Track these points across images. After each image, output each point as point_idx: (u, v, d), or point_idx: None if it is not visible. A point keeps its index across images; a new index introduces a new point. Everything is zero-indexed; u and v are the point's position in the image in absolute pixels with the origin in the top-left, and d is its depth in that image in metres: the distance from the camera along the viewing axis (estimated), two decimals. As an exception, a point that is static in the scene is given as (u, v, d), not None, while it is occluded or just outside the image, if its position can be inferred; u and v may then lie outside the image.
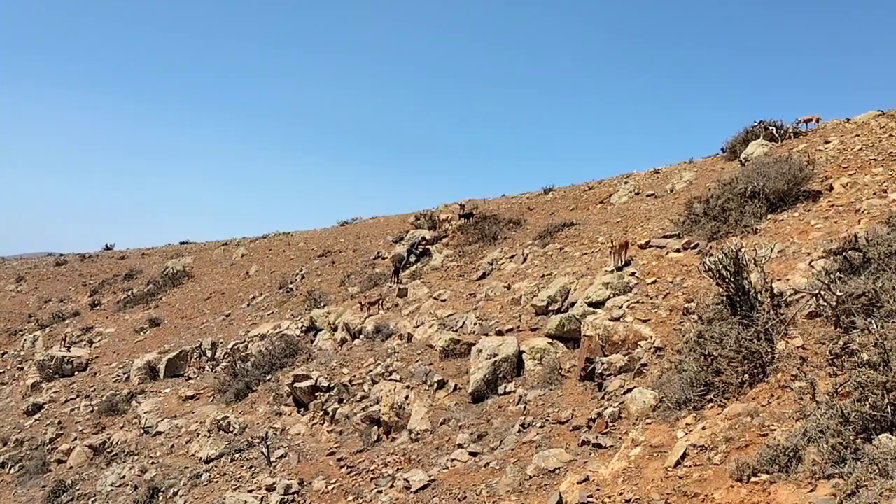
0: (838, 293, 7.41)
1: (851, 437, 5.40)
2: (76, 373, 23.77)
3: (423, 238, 24.31)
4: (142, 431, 17.29)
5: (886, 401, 5.38)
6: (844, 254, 8.21)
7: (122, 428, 17.98)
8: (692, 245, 13.34)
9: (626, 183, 23.55)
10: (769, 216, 13.18)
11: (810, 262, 9.90)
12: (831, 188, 13.37)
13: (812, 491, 5.18)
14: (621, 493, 6.70)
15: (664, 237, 14.49)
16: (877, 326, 5.99)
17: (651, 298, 11.67)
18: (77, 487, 15.80)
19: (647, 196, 20.86)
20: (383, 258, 25.58)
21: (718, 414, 7.10)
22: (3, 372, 27.19)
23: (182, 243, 48.28)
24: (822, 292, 7.74)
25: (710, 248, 12.75)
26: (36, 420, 20.38)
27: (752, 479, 5.74)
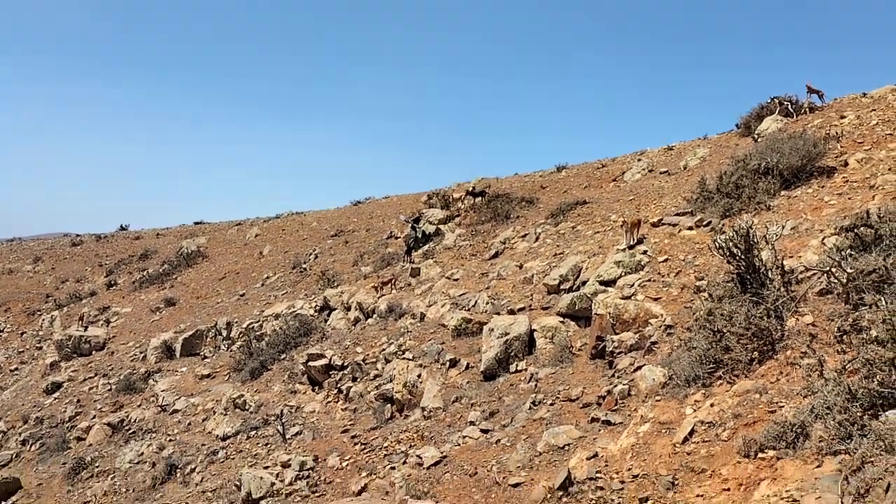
0: (849, 270, 7.40)
1: (859, 414, 5.43)
2: (94, 352, 24.16)
3: (420, 216, 24.31)
4: (159, 409, 17.59)
5: (894, 377, 5.40)
6: (856, 230, 8.18)
7: (139, 406, 18.30)
8: (705, 222, 13.30)
9: (639, 160, 23.42)
10: (783, 193, 13.10)
11: (822, 239, 9.87)
12: (846, 164, 13.25)
13: (818, 467, 5.23)
14: (629, 469, 6.79)
15: (677, 215, 14.45)
16: (886, 303, 6.00)
17: (662, 276, 11.67)
18: (96, 464, 16.13)
19: (661, 173, 20.75)
20: (396, 238, 25.67)
21: (727, 391, 7.15)
22: (23, 351, 27.68)
23: (196, 223, 48.66)
24: (833, 269, 7.73)
25: (723, 225, 12.72)
26: (55, 398, 20.76)
27: (759, 455, 5.80)
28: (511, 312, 13.59)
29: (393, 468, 9.78)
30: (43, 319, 30.61)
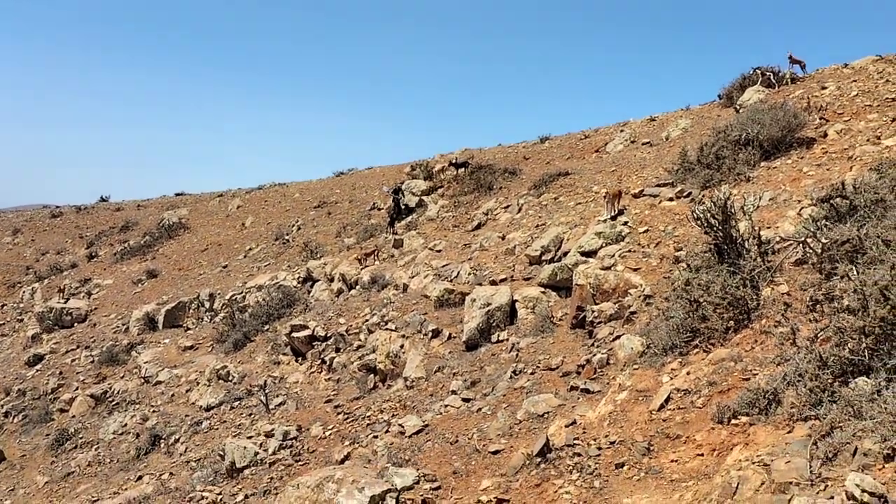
0: (823, 240, 7.50)
1: (829, 381, 5.55)
2: (76, 324, 24.06)
3: (402, 188, 24.22)
4: (142, 381, 17.61)
5: (864, 345, 5.51)
6: (832, 201, 8.27)
7: (122, 378, 18.30)
8: (685, 193, 13.39)
9: (622, 131, 23.44)
10: (762, 164, 13.19)
11: (800, 210, 9.98)
12: (825, 135, 13.35)
13: (790, 432, 5.36)
14: (606, 436, 6.91)
15: (658, 186, 14.52)
16: (857, 273, 6.10)
17: (642, 247, 11.77)
18: (80, 435, 16.17)
19: (643, 144, 20.80)
20: (379, 209, 25.63)
21: (703, 359, 7.26)
22: (3, 324, 27.51)
23: (177, 195, 48.24)
24: (808, 240, 7.84)
25: (703, 196, 12.80)
26: (37, 371, 20.71)
27: (733, 421, 5.93)
28: (493, 283, 13.67)
29: (375, 437, 9.89)
30: (23, 292, 30.38)
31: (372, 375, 12.99)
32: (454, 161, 25.59)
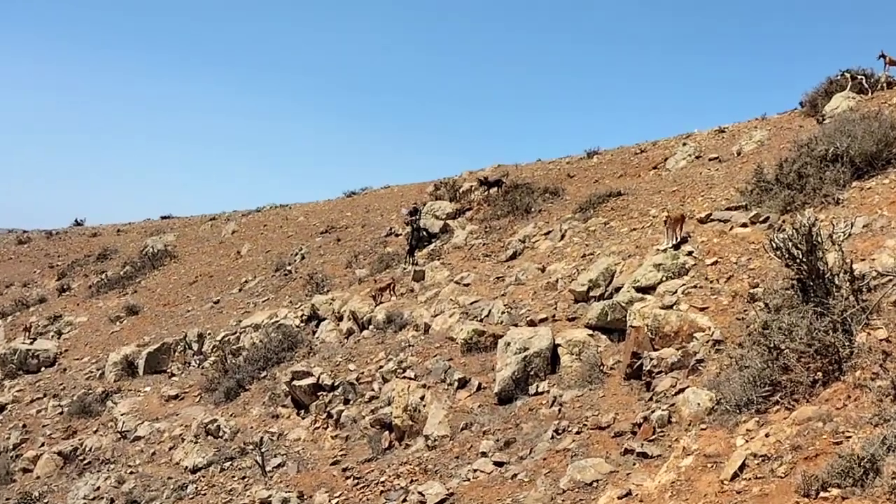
0: (930, 276, 7.39)
1: (939, 446, 5.44)
2: (43, 368, 24.32)
3: (421, 210, 24.30)
4: (118, 436, 17.72)
5: (982, 403, 5.40)
6: (940, 229, 8.16)
7: (95, 432, 18.43)
8: (761, 218, 13.29)
9: (684, 144, 23.42)
10: (854, 184, 13.07)
11: (900, 239, 9.85)
12: (930, 150, 13.20)
13: (891, 509, 5.24)
14: (668, 510, 6.80)
15: (728, 209, 14.45)
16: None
17: (710, 282, 11.69)
18: (45, 500, 16.26)
19: (710, 160, 20.75)
20: (397, 235, 25.76)
21: (785, 418, 7.16)
22: (-40, 367, 27.90)
23: (163, 218, 48.98)
24: (912, 275, 7.72)
25: (783, 222, 12.70)
26: (-2, 423, 20.93)
27: (822, 493, 5.81)
28: (531, 323, 13.64)
29: (391, 507, 9.83)
30: (-16, 330, 30.86)
31: (387, 433, 12.95)
32: (485, 179, 25.67)
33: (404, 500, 9.91)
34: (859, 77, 19.36)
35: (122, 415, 18.55)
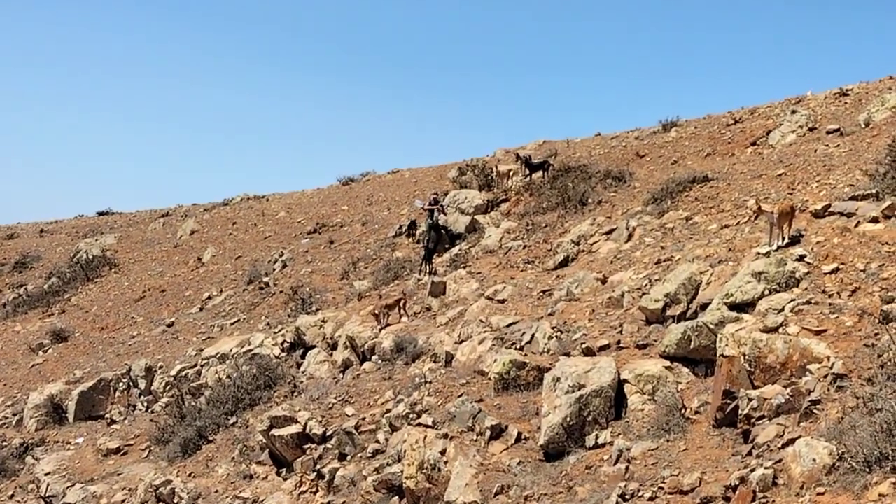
0: None
1: None
2: (-57, 413, 24.52)
3: (441, 202, 24.07)
4: (42, 503, 17.80)
5: None
6: None
7: (11, 498, 18.53)
8: (898, 210, 13.20)
9: (793, 112, 23.27)
10: None
11: None
12: None
13: None
14: None
15: (853, 199, 14.34)
16: None
17: (829, 297, 11.57)
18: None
19: (828, 133, 20.63)
20: (409, 235, 25.77)
21: (932, 480, 7.06)
22: None
23: (101, 214, 49.44)
24: None
25: (928, 215, 12.59)
26: None
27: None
28: (588, 352, 13.58)
29: None
30: None
31: (396, 498, 12.94)
32: (527, 159, 25.40)
33: (419, 590, 9.88)
34: None
35: (46, 475, 18.63)
